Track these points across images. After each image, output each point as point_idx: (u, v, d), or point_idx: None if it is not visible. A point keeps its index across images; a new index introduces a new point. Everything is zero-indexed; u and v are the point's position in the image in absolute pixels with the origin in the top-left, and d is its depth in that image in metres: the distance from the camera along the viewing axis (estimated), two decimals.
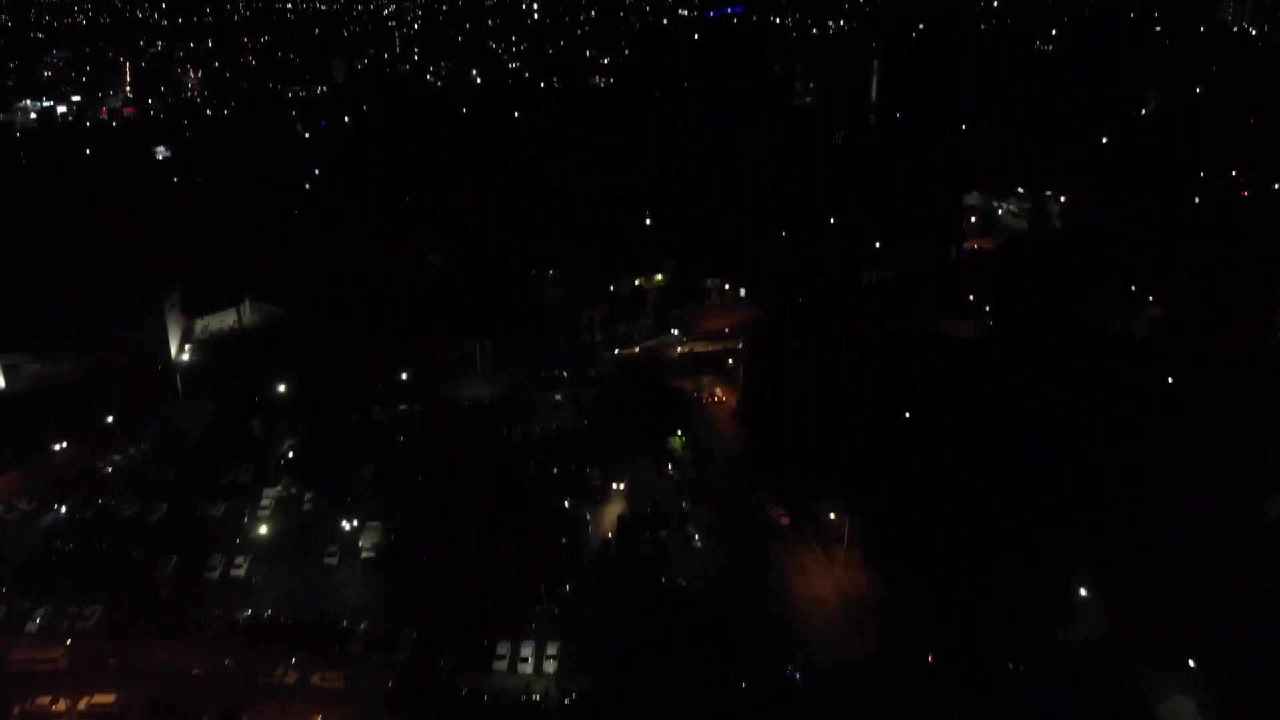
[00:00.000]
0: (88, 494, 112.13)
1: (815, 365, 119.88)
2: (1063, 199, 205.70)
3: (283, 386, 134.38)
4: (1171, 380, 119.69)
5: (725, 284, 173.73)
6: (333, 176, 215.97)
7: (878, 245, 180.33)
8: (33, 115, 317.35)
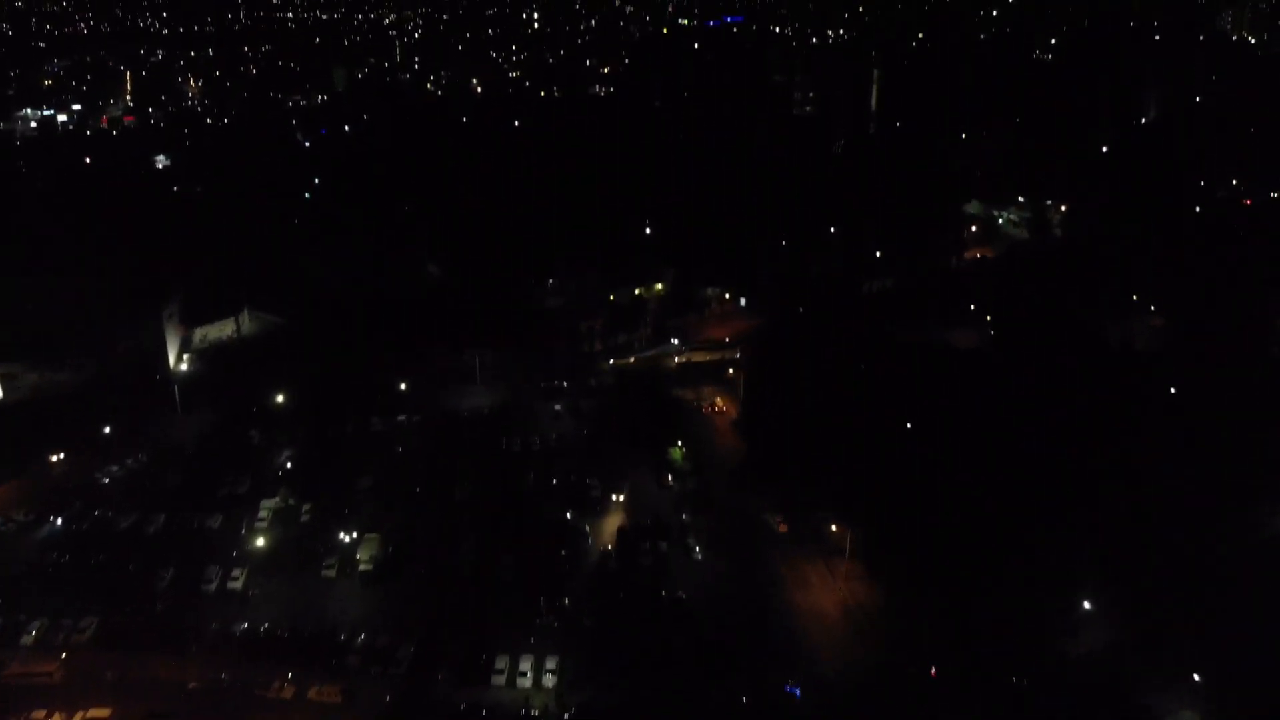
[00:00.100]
0: (84, 505, 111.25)
1: (816, 375, 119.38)
2: (1063, 207, 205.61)
3: (281, 397, 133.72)
4: (1174, 390, 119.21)
5: (725, 293, 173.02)
6: (333, 185, 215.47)
7: (878, 254, 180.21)
8: (33, 124, 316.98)
